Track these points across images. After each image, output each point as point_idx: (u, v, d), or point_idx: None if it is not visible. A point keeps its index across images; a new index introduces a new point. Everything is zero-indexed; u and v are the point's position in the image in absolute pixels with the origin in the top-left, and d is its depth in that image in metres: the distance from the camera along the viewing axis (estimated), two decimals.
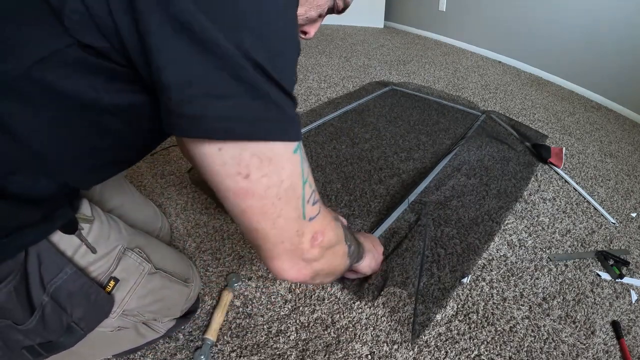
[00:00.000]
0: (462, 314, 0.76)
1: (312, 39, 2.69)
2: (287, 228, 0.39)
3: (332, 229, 0.47)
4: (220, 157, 0.32)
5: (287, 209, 0.38)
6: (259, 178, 0.34)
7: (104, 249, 0.51)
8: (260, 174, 0.34)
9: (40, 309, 0.44)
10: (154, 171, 1.15)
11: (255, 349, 0.68)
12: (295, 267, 0.42)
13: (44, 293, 0.44)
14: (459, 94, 1.84)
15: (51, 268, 0.44)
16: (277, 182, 0.35)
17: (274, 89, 0.32)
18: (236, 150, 0.32)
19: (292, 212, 0.38)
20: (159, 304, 0.59)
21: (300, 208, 0.39)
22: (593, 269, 0.89)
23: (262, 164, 0.34)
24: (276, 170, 0.35)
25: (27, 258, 0.43)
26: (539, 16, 2.14)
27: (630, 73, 1.73)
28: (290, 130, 0.35)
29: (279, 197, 0.36)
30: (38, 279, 0.44)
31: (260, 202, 0.35)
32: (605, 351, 0.71)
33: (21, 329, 0.44)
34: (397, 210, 1.00)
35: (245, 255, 0.88)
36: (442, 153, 1.30)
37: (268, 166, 0.34)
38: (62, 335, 0.47)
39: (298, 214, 0.39)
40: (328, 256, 0.47)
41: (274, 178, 0.35)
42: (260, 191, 0.35)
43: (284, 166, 0.35)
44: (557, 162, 1.26)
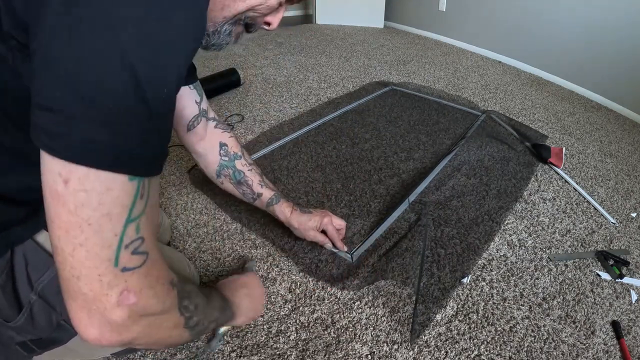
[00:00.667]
0: (462, 314, 0.76)
1: (313, 39, 2.69)
2: (87, 265, 0.32)
3: (154, 296, 0.37)
4: (50, 162, 0.30)
5: (93, 242, 0.31)
6: (76, 190, 0.30)
7: None
8: (80, 187, 0.30)
9: (28, 307, 0.45)
10: None
11: (255, 349, 0.68)
12: (95, 324, 0.33)
13: (31, 291, 0.44)
14: (459, 94, 1.84)
15: (38, 267, 0.45)
16: (95, 205, 0.30)
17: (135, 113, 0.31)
18: (65, 167, 0.30)
19: (99, 249, 0.32)
20: None
21: (113, 249, 0.32)
22: (593, 269, 0.89)
23: (87, 178, 0.30)
24: (99, 192, 0.30)
25: (13, 257, 0.43)
26: (539, 16, 2.14)
27: (630, 73, 1.73)
28: (132, 162, 0.32)
29: (89, 223, 0.31)
30: (25, 278, 0.44)
31: (67, 218, 0.30)
32: (605, 351, 0.71)
33: (11, 325, 0.44)
34: (397, 210, 1.00)
35: (245, 255, 0.88)
36: (442, 153, 1.30)
37: (92, 183, 0.30)
38: (52, 333, 0.47)
39: (107, 256, 0.32)
40: (142, 325, 0.36)
41: (93, 199, 0.30)
42: (72, 205, 0.30)
43: (110, 191, 0.31)
44: (557, 162, 1.26)
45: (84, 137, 0.29)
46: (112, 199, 0.31)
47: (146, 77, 0.30)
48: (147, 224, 0.35)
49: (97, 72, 0.28)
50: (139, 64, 0.29)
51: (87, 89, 0.28)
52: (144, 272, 0.35)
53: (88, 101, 0.28)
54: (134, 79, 0.29)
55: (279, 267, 0.85)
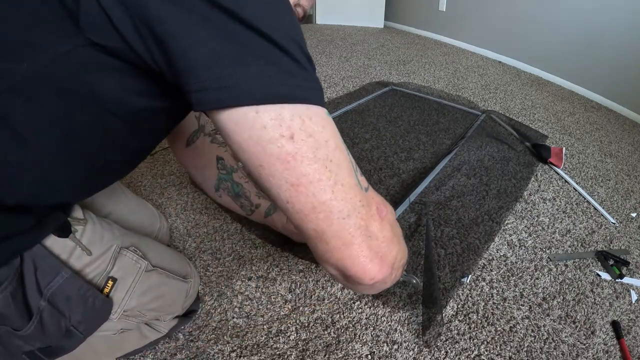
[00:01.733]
0: (462, 314, 0.76)
1: (313, 39, 2.69)
2: (350, 196, 0.33)
3: (386, 203, 0.40)
4: (259, 120, 0.29)
5: (342, 174, 0.33)
6: (305, 138, 0.30)
7: (99, 250, 0.51)
8: (305, 134, 0.30)
9: (38, 314, 0.44)
10: (154, 171, 1.15)
11: (255, 349, 0.68)
12: (375, 256, 0.34)
13: (41, 298, 0.44)
14: (459, 94, 1.84)
15: (47, 272, 0.44)
16: (323, 142, 0.32)
17: (290, 54, 0.31)
18: (275, 112, 0.30)
19: (348, 178, 0.33)
20: (159, 301, 0.59)
21: (353, 175, 0.34)
22: (593, 269, 0.89)
23: (304, 123, 0.30)
24: (319, 129, 0.31)
25: (23, 264, 0.42)
26: (539, 16, 2.14)
27: (630, 73, 1.73)
28: (320, 94, 0.33)
29: (329, 160, 0.32)
30: (34, 284, 0.43)
31: (312, 167, 0.31)
32: (605, 351, 0.71)
33: (20, 334, 0.44)
34: (397, 210, 1.00)
35: (245, 255, 0.88)
36: (442, 153, 1.30)
37: (310, 125, 0.31)
38: (61, 340, 0.47)
39: (355, 182, 0.34)
40: (397, 235, 0.39)
41: (319, 138, 0.31)
42: (310, 153, 0.31)
43: (324, 125, 0.32)
44: (557, 162, 1.26)
45: (288, 78, 0.30)
46: (328, 130, 0.32)
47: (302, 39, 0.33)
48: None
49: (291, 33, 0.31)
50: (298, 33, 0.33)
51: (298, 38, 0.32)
52: (371, 187, 0.38)
53: (295, 48, 0.31)
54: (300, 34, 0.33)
55: (279, 267, 0.85)
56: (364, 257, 0.34)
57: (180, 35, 0.28)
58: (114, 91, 0.35)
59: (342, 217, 0.33)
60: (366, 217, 0.34)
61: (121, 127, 0.40)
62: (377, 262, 0.35)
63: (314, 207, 0.32)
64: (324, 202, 0.32)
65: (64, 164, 0.40)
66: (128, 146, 0.46)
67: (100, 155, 0.43)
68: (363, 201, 0.34)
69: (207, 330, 0.71)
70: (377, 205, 0.37)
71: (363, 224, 0.34)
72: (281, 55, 0.30)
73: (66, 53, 0.31)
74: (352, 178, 0.34)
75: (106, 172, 0.48)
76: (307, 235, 0.35)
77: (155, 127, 0.47)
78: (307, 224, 0.33)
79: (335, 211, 0.32)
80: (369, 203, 0.35)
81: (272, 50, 0.30)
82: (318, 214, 0.32)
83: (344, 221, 0.33)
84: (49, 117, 0.35)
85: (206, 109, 0.30)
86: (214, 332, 0.71)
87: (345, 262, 0.34)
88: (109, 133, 0.40)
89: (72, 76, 0.33)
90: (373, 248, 0.35)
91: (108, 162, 0.46)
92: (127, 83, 0.35)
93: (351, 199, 0.33)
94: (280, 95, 0.30)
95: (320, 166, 0.31)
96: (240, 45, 0.29)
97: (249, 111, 0.29)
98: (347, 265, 0.34)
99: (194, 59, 0.28)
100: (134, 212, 0.75)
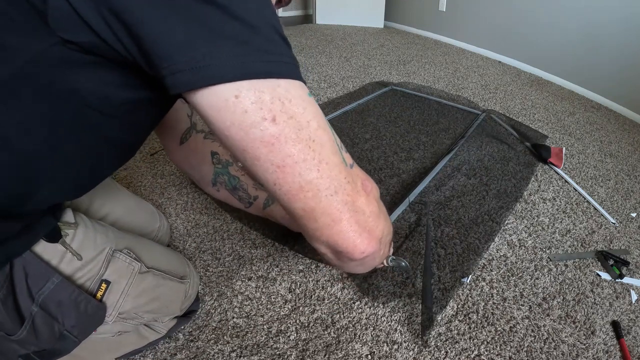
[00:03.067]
0: (462, 314, 0.76)
1: (313, 39, 2.69)
2: (335, 173, 0.33)
3: (370, 179, 0.41)
4: (240, 105, 0.30)
5: (325, 152, 0.33)
6: (286, 120, 0.31)
7: (91, 253, 0.50)
8: (287, 115, 0.31)
9: (30, 319, 0.44)
10: (154, 171, 1.15)
11: (255, 349, 0.68)
12: (363, 230, 0.35)
13: (32, 303, 0.44)
14: (459, 93, 1.84)
15: (37, 278, 0.44)
16: (305, 123, 0.32)
17: (262, 33, 0.31)
18: (254, 95, 0.30)
19: (332, 156, 0.34)
20: (155, 303, 0.59)
21: (337, 153, 0.35)
22: (593, 269, 0.89)
23: (284, 105, 0.31)
24: (299, 111, 0.32)
25: (13, 270, 0.42)
26: (538, 16, 2.14)
27: (630, 73, 1.73)
28: (296, 69, 0.33)
29: (312, 140, 0.32)
30: (25, 290, 0.43)
31: (296, 148, 0.31)
32: (605, 351, 0.71)
33: (14, 338, 0.44)
34: (397, 210, 1.00)
35: (245, 255, 0.88)
36: (442, 153, 1.30)
37: (290, 107, 0.31)
38: (56, 344, 0.47)
39: (339, 160, 0.34)
40: (382, 211, 0.39)
41: (301, 119, 0.32)
42: (292, 134, 0.31)
43: (304, 106, 0.32)
44: (557, 162, 1.26)
45: (264, 54, 0.30)
46: (309, 110, 0.33)
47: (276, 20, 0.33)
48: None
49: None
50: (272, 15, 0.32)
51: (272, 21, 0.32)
52: (356, 164, 0.38)
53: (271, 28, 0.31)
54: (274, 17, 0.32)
55: (279, 267, 0.85)
56: (353, 232, 0.35)
57: (150, 22, 0.28)
58: (93, 86, 0.35)
59: (330, 194, 0.33)
60: (352, 193, 0.35)
61: (104, 122, 0.39)
62: (366, 236, 0.36)
63: (301, 186, 0.33)
64: (311, 181, 0.32)
65: (50, 164, 0.39)
66: (114, 142, 0.45)
67: (85, 152, 0.42)
68: (348, 178, 0.35)
69: (207, 330, 0.71)
70: (362, 181, 0.38)
71: (350, 200, 0.35)
72: (253, 35, 0.30)
73: (40, 52, 0.31)
74: (336, 156, 0.34)
75: (93, 170, 0.47)
76: (297, 216, 0.35)
77: (139, 119, 0.46)
78: (296, 204, 0.34)
79: (322, 189, 0.33)
80: (355, 179, 0.36)
81: (243, 30, 0.29)
82: (306, 192, 0.33)
83: (332, 198, 0.33)
84: (32, 118, 0.35)
85: (182, 91, 0.30)
86: (214, 332, 0.71)
87: (335, 237, 0.35)
88: (92, 129, 0.39)
89: (49, 75, 0.33)
90: (361, 223, 0.36)
91: (94, 159, 0.45)
92: (105, 77, 0.34)
93: (337, 176, 0.34)
94: (256, 70, 0.30)
95: (304, 146, 0.32)
96: (210, 26, 0.29)
97: (228, 96, 0.29)
98: (338, 241, 0.35)
99: (166, 43, 0.28)
100: (133, 212, 0.75)
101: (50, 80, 0.33)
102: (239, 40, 0.29)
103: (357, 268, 0.43)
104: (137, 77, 0.35)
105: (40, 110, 0.35)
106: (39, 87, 0.33)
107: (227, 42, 0.29)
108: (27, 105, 0.34)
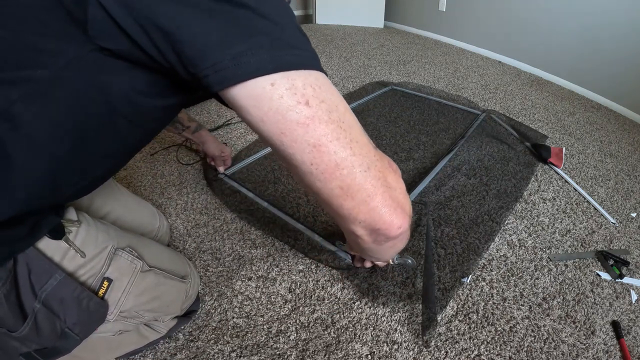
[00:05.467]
0: (462, 314, 0.76)
1: (313, 39, 2.69)
2: (366, 151, 0.36)
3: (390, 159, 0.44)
4: (276, 91, 0.32)
5: (355, 132, 0.36)
6: (318, 104, 0.34)
7: (94, 251, 0.51)
8: (318, 99, 0.34)
9: (32, 316, 0.44)
10: (154, 171, 1.15)
11: (255, 349, 0.68)
12: (397, 205, 0.37)
13: (35, 300, 0.44)
14: (459, 93, 1.84)
15: (41, 275, 0.44)
16: (334, 107, 0.35)
17: (289, 29, 0.34)
18: (288, 82, 0.32)
19: (361, 137, 0.36)
20: (156, 302, 0.59)
21: (363, 133, 0.38)
22: (593, 269, 0.89)
23: (315, 91, 0.34)
24: (328, 96, 0.35)
25: (16, 266, 0.43)
26: (539, 16, 2.14)
27: (630, 73, 1.73)
28: (319, 62, 0.36)
29: (342, 121, 0.35)
30: (28, 286, 0.44)
31: (329, 128, 0.34)
32: (605, 351, 0.71)
33: (15, 336, 0.44)
34: None
35: (245, 255, 0.88)
36: (442, 153, 1.30)
37: (321, 92, 0.34)
38: (57, 341, 0.47)
39: (367, 140, 0.37)
40: (405, 189, 0.42)
41: (330, 103, 0.34)
42: (325, 116, 0.34)
43: (332, 92, 0.35)
44: (557, 162, 1.26)
45: (293, 49, 0.33)
46: (336, 96, 0.35)
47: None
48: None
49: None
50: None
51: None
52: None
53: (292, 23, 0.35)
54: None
55: (279, 267, 0.85)
56: (388, 207, 0.37)
57: (189, 27, 0.30)
58: (124, 92, 0.37)
59: (363, 169, 0.35)
60: (382, 169, 0.37)
61: (129, 130, 0.42)
62: (400, 212, 0.38)
63: (337, 164, 0.35)
64: (346, 158, 0.35)
65: (72, 165, 0.41)
66: (129, 148, 0.47)
67: (103, 158, 0.44)
68: (377, 155, 0.37)
69: (207, 330, 0.71)
70: (388, 160, 0.40)
71: (381, 176, 0.37)
72: (281, 32, 0.33)
73: (78, 58, 0.33)
74: (363, 136, 0.37)
75: (104, 174, 0.49)
76: (334, 196, 0.37)
77: (157, 127, 0.48)
78: (333, 182, 0.35)
79: (356, 165, 0.35)
80: (382, 157, 0.38)
81: (273, 28, 0.32)
82: (342, 170, 0.35)
83: (366, 173, 0.36)
84: (63, 122, 0.36)
85: (227, 86, 0.32)
86: (214, 332, 0.71)
87: (372, 213, 0.37)
88: (116, 137, 0.42)
89: (84, 80, 0.35)
90: (394, 198, 0.38)
91: (110, 165, 0.47)
92: (135, 82, 0.37)
93: (367, 153, 0.36)
94: (288, 63, 0.33)
95: (336, 127, 0.34)
96: (246, 26, 0.31)
97: (265, 84, 0.32)
98: (375, 217, 0.37)
99: (206, 44, 0.31)
100: (133, 212, 0.75)
101: (85, 84, 0.35)
102: (271, 37, 0.32)
103: (389, 251, 0.44)
104: (166, 82, 0.38)
105: (73, 115, 0.37)
106: (73, 91, 0.35)
107: (261, 39, 0.32)
108: (61, 109, 0.36)
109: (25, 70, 0.33)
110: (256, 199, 1.02)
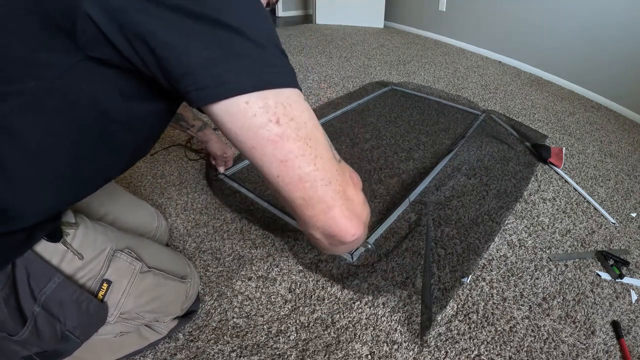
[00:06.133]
0: (462, 314, 0.76)
1: (313, 39, 2.69)
2: (329, 166, 0.39)
3: (354, 171, 0.47)
4: (250, 109, 0.34)
5: (320, 149, 0.38)
6: (287, 122, 0.36)
7: (92, 253, 0.51)
8: (288, 118, 0.36)
9: (32, 320, 0.44)
10: (154, 171, 1.15)
11: (255, 349, 0.68)
12: (353, 215, 0.41)
13: (34, 303, 0.44)
14: (459, 94, 1.84)
15: (39, 278, 0.44)
16: (302, 124, 0.37)
17: (268, 50, 0.36)
18: (262, 101, 0.35)
19: (325, 152, 0.39)
20: (156, 303, 0.59)
21: (329, 148, 0.40)
22: (593, 269, 0.89)
23: (285, 109, 0.36)
24: (298, 114, 0.37)
25: (15, 270, 0.43)
26: (539, 16, 2.14)
27: (630, 73, 1.73)
28: (295, 78, 0.38)
29: (309, 138, 0.37)
30: (28, 290, 0.44)
31: (296, 145, 0.36)
32: (605, 351, 0.71)
33: (16, 339, 0.44)
34: (398, 210, 1.00)
35: (245, 255, 0.88)
36: (442, 153, 1.30)
37: (291, 110, 0.36)
38: (58, 344, 0.47)
39: (331, 155, 0.40)
40: (365, 199, 0.45)
41: (300, 120, 0.37)
42: (293, 133, 0.36)
43: (302, 109, 0.37)
44: (557, 162, 1.26)
45: (268, 67, 0.35)
46: (306, 113, 0.38)
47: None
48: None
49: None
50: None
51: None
52: (342, 160, 0.44)
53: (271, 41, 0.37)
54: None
55: (279, 267, 0.85)
56: (345, 218, 0.40)
57: (174, 45, 0.32)
58: (114, 98, 0.39)
59: (325, 184, 0.38)
60: (343, 183, 0.40)
61: (126, 138, 0.43)
62: (356, 221, 0.41)
63: (300, 177, 0.37)
64: (309, 173, 0.37)
65: (69, 174, 0.42)
66: (128, 155, 0.48)
67: (101, 161, 0.44)
68: (339, 170, 0.40)
69: (207, 330, 0.71)
70: (349, 173, 0.43)
71: (341, 189, 0.40)
72: (262, 52, 0.35)
73: (69, 68, 0.35)
74: (328, 152, 0.39)
75: (104, 178, 0.50)
76: (296, 205, 0.40)
77: (154, 134, 0.50)
78: (296, 193, 0.38)
79: (318, 179, 0.38)
80: (344, 172, 0.41)
81: (255, 49, 0.35)
82: (305, 183, 0.38)
83: (327, 187, 0.38)
84: (60, 130, 0.38)
85: (206, 104, 0.34)
86: (214, 332, 0.71)
87: (330, 222, 0.40)
88: (115, 146, 0.43)
89: (76, 89, 0.36)
90: (351, 209, 0.40)
91: (107, 168, 0.47)
92: (125, 88, 0.39)
93: (329, 168, 0.39)
94: (265, 82, 0.35)
95: (303, 143, 0.37)
96: (228, 47, 0.34)
97: (240, 102, 0.34)
98: (332, 225, 0.40)
99: (190, 64, 0.33)
100: (131, 212, 0.75)
101: (77, 93, 0.37)
102: (251, 58, 0.35)
103: (343, 251, 0.48)
104: (153, 87, 0.39)
105: (68, 125, 0.38)
106: (66, 101, 0.37)
107: (243, 60, 0.34)
108: (56, 120, 0.37)
109: (17, 83, 0.34)
110: (256, 199, 1.02)
